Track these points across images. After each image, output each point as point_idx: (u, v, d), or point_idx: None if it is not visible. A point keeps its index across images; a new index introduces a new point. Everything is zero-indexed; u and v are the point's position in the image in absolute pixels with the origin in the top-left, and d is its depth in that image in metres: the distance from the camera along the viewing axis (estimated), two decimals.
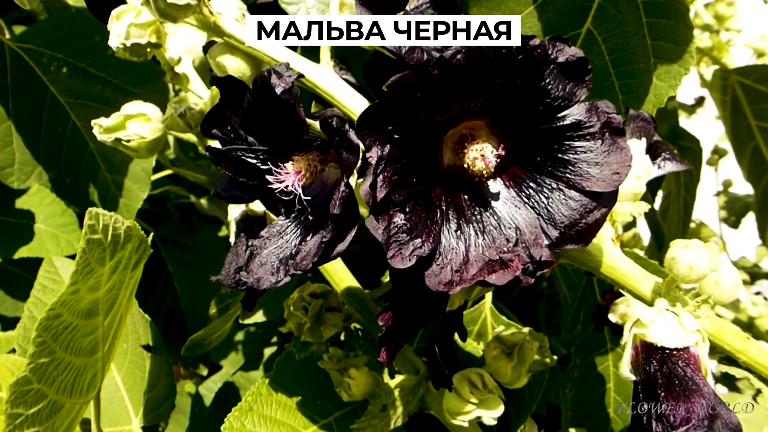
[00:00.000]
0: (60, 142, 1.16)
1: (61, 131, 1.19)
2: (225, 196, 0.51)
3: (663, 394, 0.40)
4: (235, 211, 0.60)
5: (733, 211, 1.83)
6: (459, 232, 0.46)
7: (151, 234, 0.63)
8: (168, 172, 1.38)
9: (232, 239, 0.61)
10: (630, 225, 1.38)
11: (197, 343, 0.99)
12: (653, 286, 0.52)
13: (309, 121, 0.47)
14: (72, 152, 1.17)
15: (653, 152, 0.60)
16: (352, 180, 0.47)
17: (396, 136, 0.41)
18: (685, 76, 0.63)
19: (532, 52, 0.40)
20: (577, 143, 0.45)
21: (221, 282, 0.52)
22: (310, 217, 0.49)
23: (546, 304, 1.29)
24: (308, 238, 0.47)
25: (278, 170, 0.47)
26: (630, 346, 0.45)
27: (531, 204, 0.46)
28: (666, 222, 1.01)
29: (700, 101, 2.08)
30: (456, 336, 0.68)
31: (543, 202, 0.46)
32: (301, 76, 0.44)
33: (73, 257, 1.12)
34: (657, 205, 1.20)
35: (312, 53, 0.72)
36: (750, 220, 1.92)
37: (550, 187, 0.46)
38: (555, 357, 0.73)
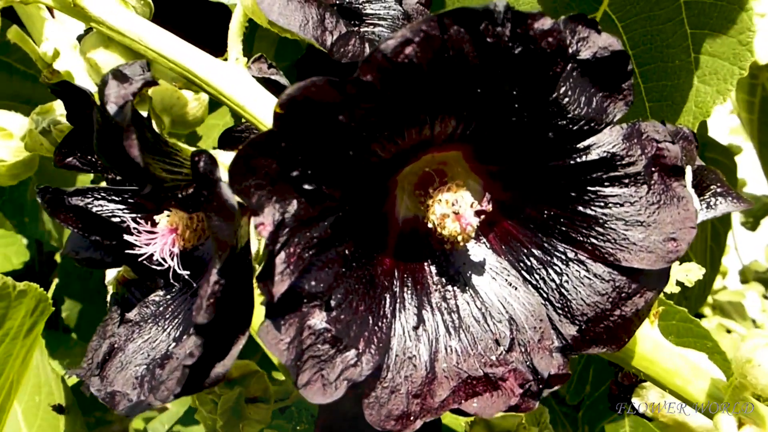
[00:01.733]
0: None
1: None
2: (79, 259, 0.34)
3: None
4: (111, 271, 0.43)
5: (751, 212, 1.66)
6: (420, 328, 0.29)
7: (53, 285, 0.47)
8: None
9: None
10: None
11: None
12: (709, 389, 0.36)
13: (184, 151, 0.29)
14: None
15: (698, 183, 0.43)
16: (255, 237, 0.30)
17: (307, 187, 0.24)
18: (739, 78, 0.46)
19: (540, 41, 0.23)
20: (608, 190, 0.28)
21: (80, 378, 0.35)
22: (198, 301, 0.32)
23: None
24: (192, 332, 0.30)
25: (142, 228, 0.30)
26: None
27: (534, 282, 0.30)
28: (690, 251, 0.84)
29: None
30: None
31: (553, 281, 0.29)
32: (152, 83, 0.27)
33: (15, 273, 0.95)
34: None
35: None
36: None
37: (564, 257, 0.29)
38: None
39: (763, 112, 0.93)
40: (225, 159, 0.30)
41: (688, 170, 0.41)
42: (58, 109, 0.46)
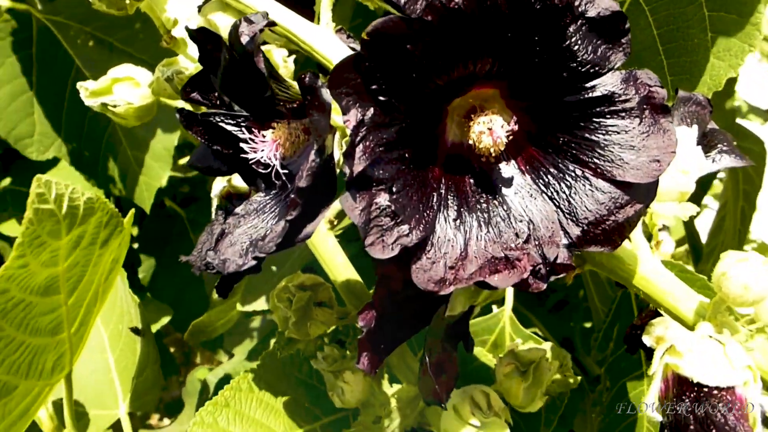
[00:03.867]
0: (82, 117, 1.14)
1: (85, 106, 1.17)
2: (200, 167, 0.45)
3: None
4: (217, 185, 0.54)
5: None
6: (458, 221, 0.38)
7: (132, 211, 0.57)
8: None
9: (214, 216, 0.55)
10: (681, 241, 1.27)
11: (200, 330, 0.93)
12: (697, 307, 0.43)
13: (289, 81, 0.40)
14: (94, 126, 1.14)
15: (707, 143, 0.50)
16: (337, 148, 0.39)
17: (381, 98, 0.34)
18: (749, 54, 0.53)
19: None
20: (608, 121, 0.36)
21: (191, 263, 0.46)
22: (292, 195, 0.42)
23: (583, 316, 1.19)
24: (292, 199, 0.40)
25: (253, 138, 0.41)
26: (659, 377, 0.37)
27: (549, 194, 0.38)
28: (720, 236, 0.90)
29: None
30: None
31: (564, 192, 0.38)
32: (272, 24, 0.37)
33: None
34: (708, 213, 1.08)
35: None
36: None
37: (573, 174, 0.38)
38: (579, 378, 0.65)
39: None
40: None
41: (695, 129, 0.49)
42: (181, 62, 0.57)
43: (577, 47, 0.34)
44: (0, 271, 0.43)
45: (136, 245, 1.46)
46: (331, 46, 0.46)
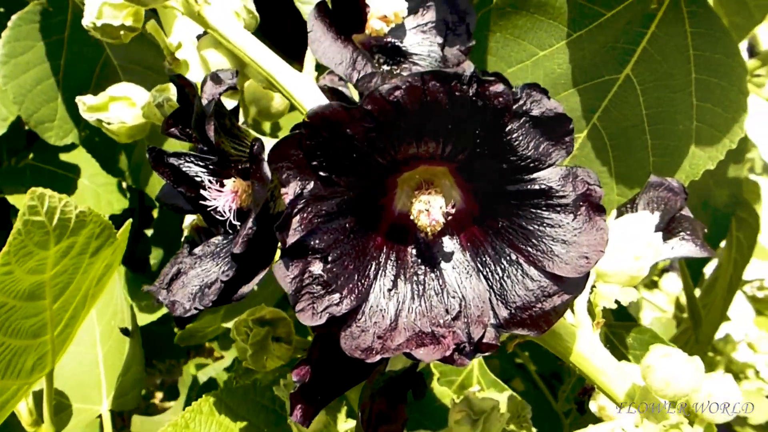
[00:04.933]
0: None
1: None
2: (166, 203, 0.47)
3: None
4: (188, 217, 0.56)
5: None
6: (393, 291, 0.39)
7: (128, 222, 0.59)
8: None
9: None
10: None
11: (191, 335, 0.96)
12: (629, 389, 0.44)
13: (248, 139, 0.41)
14: None
15: (671, 229, 0.51)
16: None
17: (322, 174, 0.35)
18: (729, 148, 0.53)
19: (492, 100, 0.33)
20: (544, 213, 0.37)
21: (152, 293, 0.48)
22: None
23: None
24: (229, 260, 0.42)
25: (213, 187, 0.42)
26: None
27: (485, 273, 0.39)
28: (710, 296, 0.89)
29: None
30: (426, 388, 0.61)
31: (498, 274, 0.39)
32: (233, 88, 0.39)
33: (112, 218, 1.10)
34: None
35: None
36: None
37: (509, 258, 0.39)
38: (535, 430, 0.65)
39: None
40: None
41: (656, 215, 0.50)
42: (172, 89, 0.59)
43: (517, 143, 0.35)
44: None
45: (150, 232, 1.50)
46: (308, 95, 0.48)
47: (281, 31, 0.70)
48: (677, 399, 0.40)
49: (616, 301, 0.47)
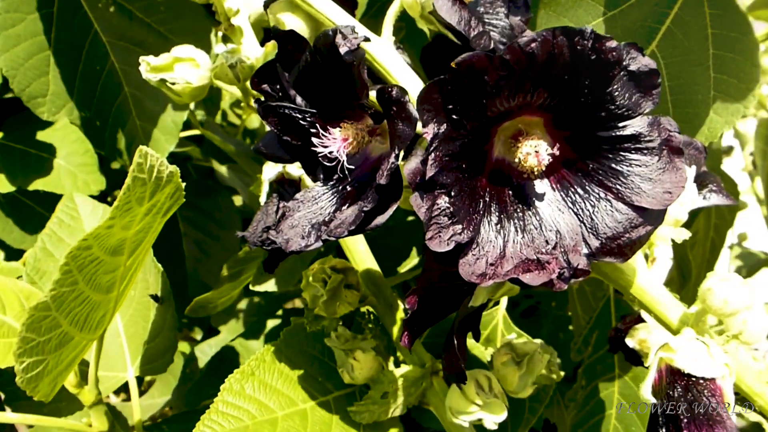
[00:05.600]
0: (96, 82, 1.15)
1: (99, 70, 1.17)
2: (266, 153, 0.50)
3: (686, 421, 0.39)
4: (270, 171, 0.60)
5: (746, 266, 1.82)
6: (499, 225, 0.45)
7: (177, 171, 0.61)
8: (195, 132, 1.37)
9: (262, 199, 0.60)
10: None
11: (202, 306, 0.98)
12: (681, 315, 0.51)
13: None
14: (106, 93, 1.15)
15: (700, 183, 0.59)
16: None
17: (454, 117, 0.40)
18: (743, 114, 0.61)
19: (607, 54, 0.39)
20: (633, 155, 0.44)
21: (246, 239, 0.52)
22: (349, 188, 0.48)
23: (551, 324, 1.27)
24: (344, 208, 0.47)
25: (326, 134, 0.47)
26: (654, 369, 0.44)
27: (575, 210, 0.45)
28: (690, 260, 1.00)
29: (728, 151, 2.05)
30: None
31: (588, 210, 0.45)
32: (367, 39, 0.43)
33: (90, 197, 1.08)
34: None
35: (372, 28, 0.71)
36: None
37: (597, 195, 0.45)
38: (562, 373, 0.72)
39: None
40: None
41: (693, 169, 0.57)
42: (243, 51, 0.62)
43: (617, 93, 0.42)
44: (91, 230, 0.48)
45: None
46: (391, 57, 0.52)
47: None
48: (732, 315, 0.47)
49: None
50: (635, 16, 0.64)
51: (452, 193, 0.42)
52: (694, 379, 0.42)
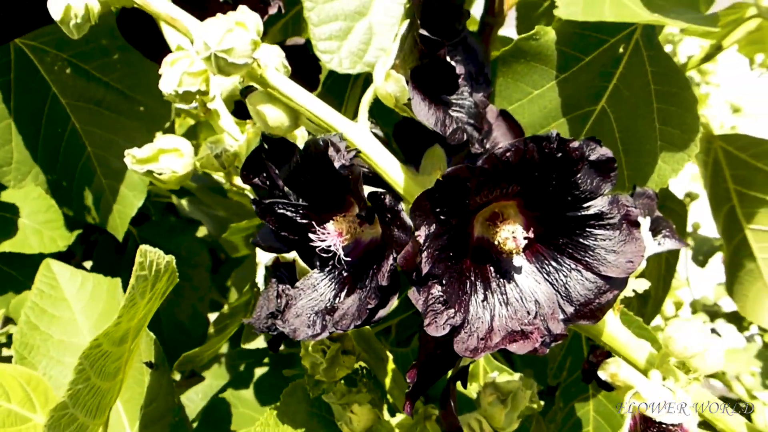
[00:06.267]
0: (58, 144, 1.15)
1: (60, 132, 1.18)
2: (264, 246, 0.54)
3: None
4: (265, 255, 0.64)
5: (701, 252, 1.94)
6: (485, 302, 0.50)
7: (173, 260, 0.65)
8: None
9: (259, 281, 0.64)
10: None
11: (190, 360, 1.01)
12: (648, 357, 0.57)
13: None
14: (69, 155, 1.16)
15: (654, 228, 0.65)
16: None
17: (441, 217, 0.45)
18: (687, 161, 0.69)
19: (571, 153, 0.45)
20: (597, 231, 0.49)
21: (252, 325, 0.56)
22: (345, 274, 0.53)
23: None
24: (343, 295, 0.51)
25: (321, 230, 0.51)
26: (629, 416, 0.50)
27: (550, 280, 0.51)
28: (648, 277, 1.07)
29: None
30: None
31: (561, 280, 0.51)
32: (357, 152, 0.48)
33: (56, 255, 1.08)
34: None
35: (337, 93, 0.75)
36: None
37: (569, 267, 0.51)
38: (542, 402, 0.78)
39: (715, 172, 1.17)
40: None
41: (647, 219, 0.64)
42: (225, 140, 0.66)
43: (581, 181, 0.47)
44: (102, 330, 0.51)
45: (89, 264, 1.50)
46: (368, 142, 0.56)
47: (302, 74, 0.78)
48: (692, 358, 0.53)
49: None
50: (585, 77, 0.70)
51: (443, 281, 0.47)
52: (665, 425, 0.48)
